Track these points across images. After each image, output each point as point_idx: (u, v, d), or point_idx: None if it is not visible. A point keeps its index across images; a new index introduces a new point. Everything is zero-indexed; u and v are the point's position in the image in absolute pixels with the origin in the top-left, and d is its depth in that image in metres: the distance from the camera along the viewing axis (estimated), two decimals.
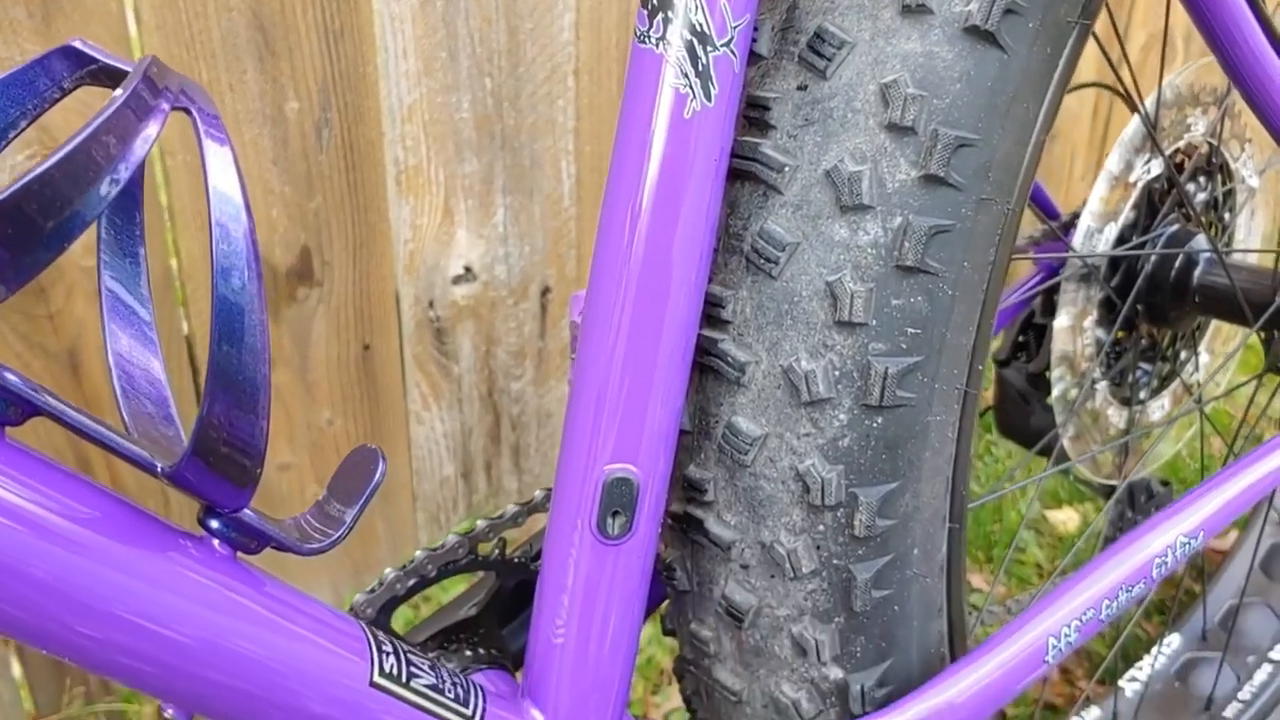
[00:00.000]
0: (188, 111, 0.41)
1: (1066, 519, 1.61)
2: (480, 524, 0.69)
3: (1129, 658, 1.28)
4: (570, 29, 1.31)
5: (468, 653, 0.70)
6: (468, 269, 1.35)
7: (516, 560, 0.71)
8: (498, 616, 0.73)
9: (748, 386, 0.61)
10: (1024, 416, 1.14)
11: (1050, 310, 1.12)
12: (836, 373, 0.59)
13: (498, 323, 1.41)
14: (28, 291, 1.06)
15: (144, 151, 0.38)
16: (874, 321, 0.58)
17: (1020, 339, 1.17)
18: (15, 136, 0.45)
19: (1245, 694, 1.18)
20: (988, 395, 1.35)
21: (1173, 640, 1.27)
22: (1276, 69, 0.74)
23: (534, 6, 1.27)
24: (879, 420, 0.60)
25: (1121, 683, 1.22)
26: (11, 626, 0.42)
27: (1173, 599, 1.47)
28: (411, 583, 0.66)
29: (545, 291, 1.44)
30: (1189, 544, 0.75)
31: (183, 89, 0.41)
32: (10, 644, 1.19)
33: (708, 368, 0.62)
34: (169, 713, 0.47)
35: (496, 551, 0.70)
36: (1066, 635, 0.68)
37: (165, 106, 0.39)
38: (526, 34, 1.27)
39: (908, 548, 0.64)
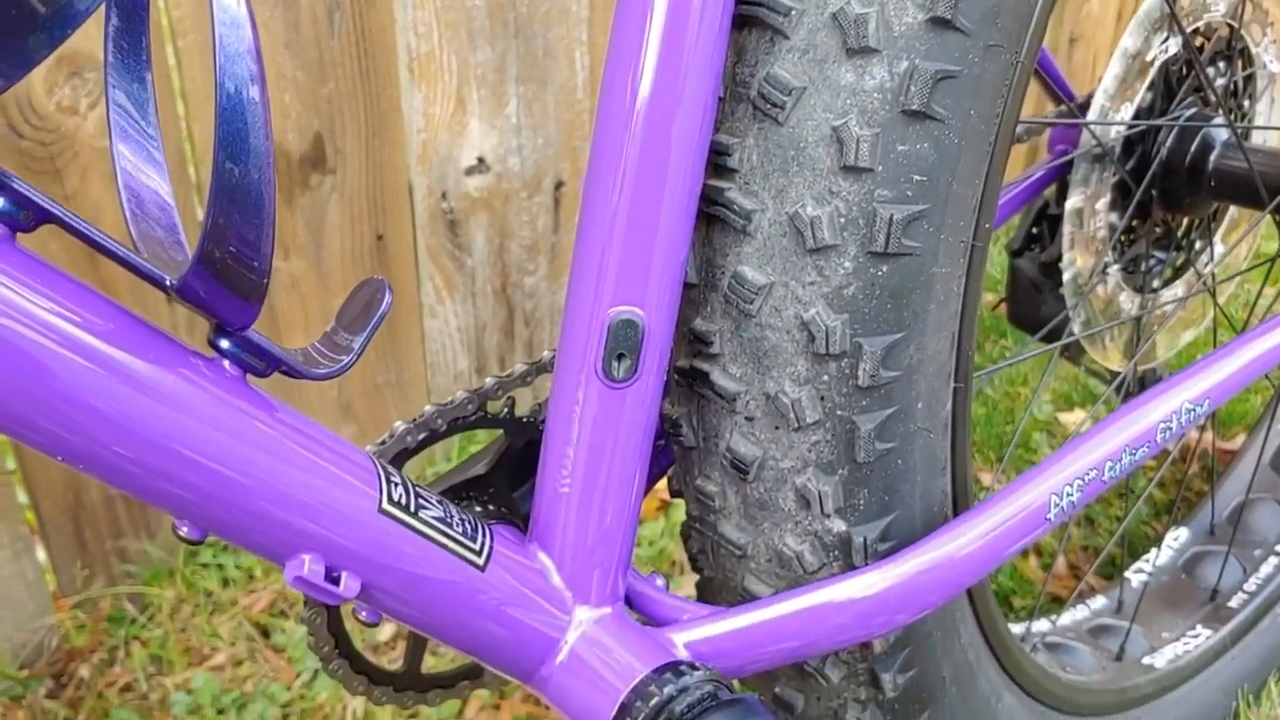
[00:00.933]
0: None
1: (1078, 420, 1.61)
2: (489, 381, 0.70)
3: (1135, 554, 1.29)
4: None
5: (477, 509, 0.71)
6: (480, 160, 1.35)
7: (525, 419, 0.72)
8: (508, 477, 0.74)
9: (753, 235, 0.61)
10: (1036, 306, 1.14)
11: (1063, 199, 1.11)
12: (842, 220, 0.59)
13: (511, 216, 1.41)
14: (44, 173, 1.06)
15: None
16: (880, 167, 0.58)
17: (1034, 230, 1.16)
18: None
19: (1251, 585, 1.19)
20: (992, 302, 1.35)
21: (1180, 534, 1.28)
22: None
23: None
24: (884, 269, 0.60)
25: (1128, 574, 1.23)
26: (20, 431, 0.43)
27: (1181, 499, 1.48)
28: (421, 436, 0.67)
29: (559, 185, 1.43)
30: (1194, 411, 0.75)
31: None
32: (35, 527, 1.22)
33: (714, 218, 0.62)
34: (183, 529, 0.49)
35: (505, 410, 0.71)
36: (1069, 494, 0.69)
37: None
38: None
39: (912, 401, 0.64)
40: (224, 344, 0.47)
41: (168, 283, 0.44)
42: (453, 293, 1.41)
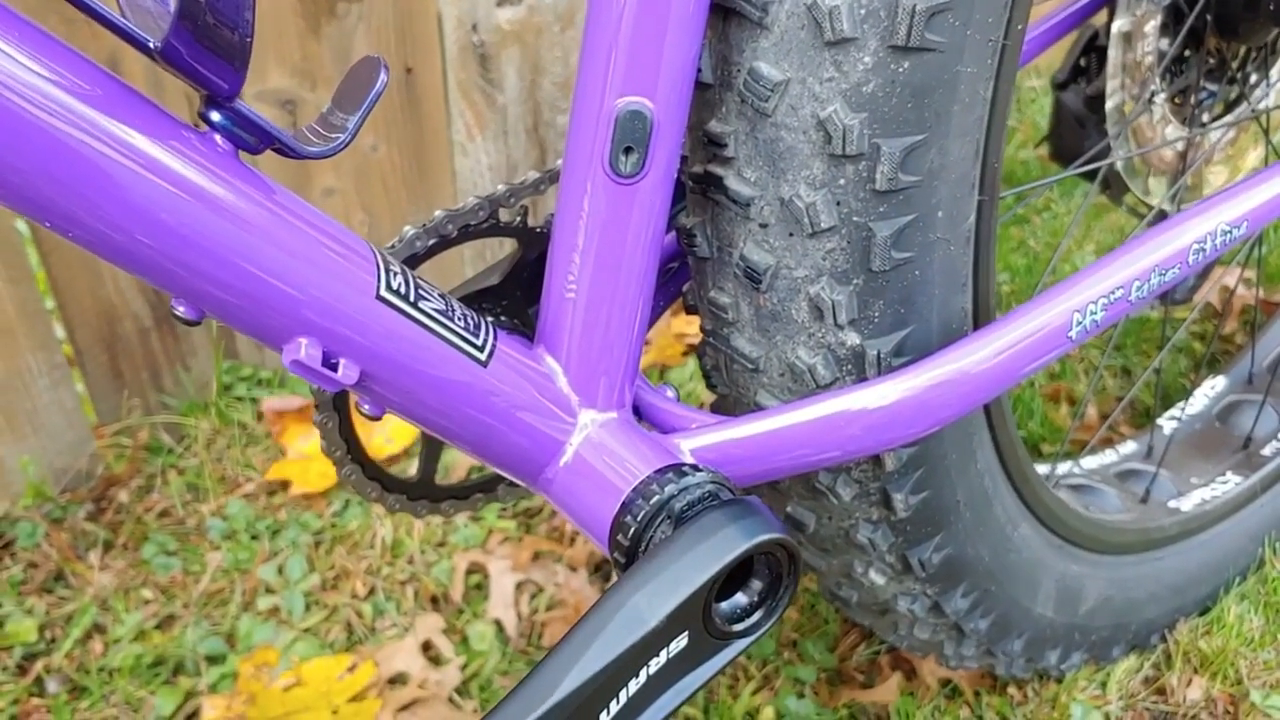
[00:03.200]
0: None
1: None
2: (501, 188, 0.68)
3: (1170, 404, 1.27)
4: None
5: (489, 319, 0.70)
6: None
7: (539, 229, 0.71)
8: (522, 289, 0.73)
9: (770, 28, 0.58)
10: (1079, 142, 1.10)
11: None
12: (862, 10, 0.56)
13: (543, 51, 1.38)
14: None
15: None
16: None
17: (1080, 61, 1.11)
18: None
19: None
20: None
21: (1217, 383, 1.25)
22: None
23: None
24: (905, 65, 0.57)
25: (1160, 420, 1.21)
26: (13, 199, 0.42)
27: (1222, 353, 1.45)
28: (431, 241, 0.66)
29: None
30: (1230, 233, 0.73)
31: None
32: (72, 358, 1.24)
33: (730, 10, 0.59)
34: (180, 309, 0.48)
35: (518, 219, 0.70)
36: (1093, 313, 0.67)
37: None
38: None
39: (931, 209, 0.62)
40: (215, 116, 0.46)
41: (151, 45, 0.43)
42: (484, 130, 1.39)
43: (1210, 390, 1.24)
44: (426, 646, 1.10)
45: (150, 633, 1.11)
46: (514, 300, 0.72)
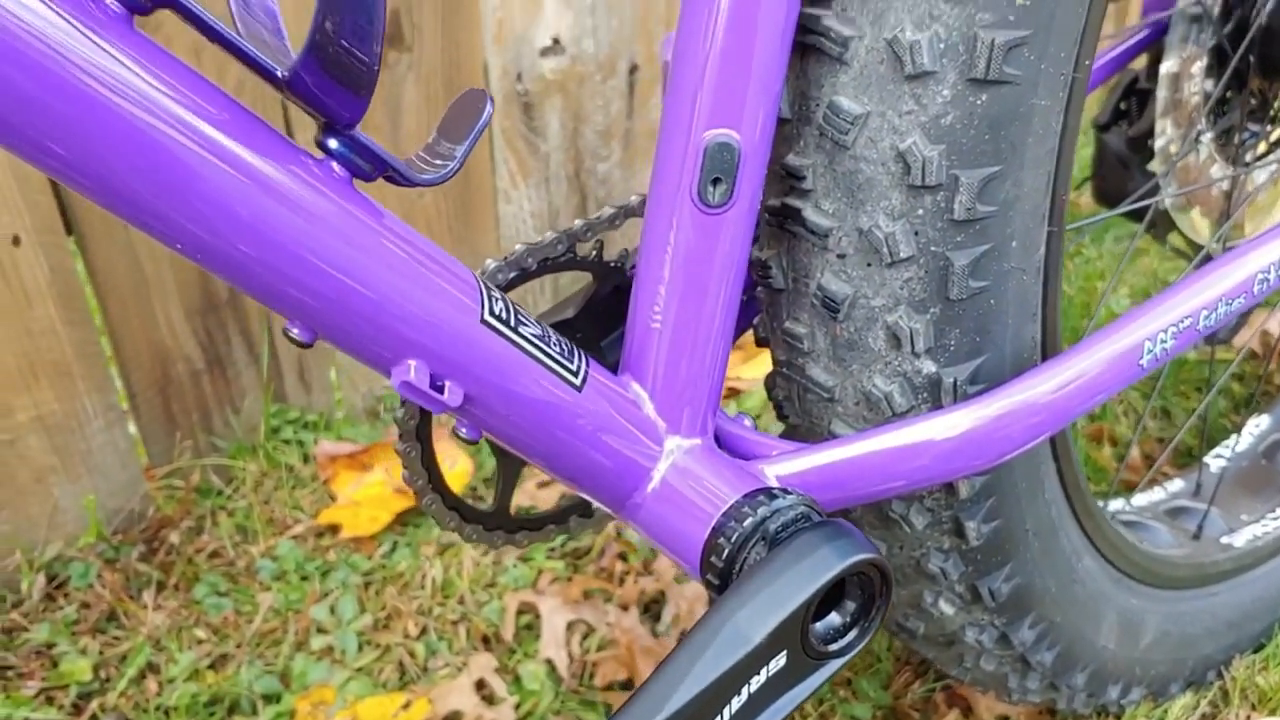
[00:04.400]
0: None
1: None
2: (578, 223, 0.70)
3: (1212, 445, 1.28)
4: None
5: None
6: (556, 40, 1.34)
7: (613, 264, 0.73)
8: (596, 323, 0.74)
9: (850, 63, 0.60)
10: (1123, 182, 1.12)
11: (1154, 75, 1.08)
12: (942, 45, 0.58)
13: (585, 100, 1.40)
14: None
15: None
16: None
17: (1121, 105, 1.14)
18: None
19: None
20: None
21: (1261, 421, 1.26)
22: None
23: None
24: (983, 97, 0.59)
25: (1206, 459, 1.21)
26: (137, 215, 0.44)
27: (1261, 393, 1.45)
28: (512, 274, 0.68)
29: (633, 70, 1.42)
30: None
31: None
32: (126, 400, 1.25)
33: (809, 48, 0.61)
34: (294, 331, 0.50)
35: (594, 253, 0.71)
36: (1163, 341, 0.68)
37: None
38: None
39: (1006, 239, 0.64)
40: (332, 143, 0.48)
41: (279, 74, 0.44)
42: (527, 177, 1.41)
43: (1255, 429, 1.25)
44: (480, 685, 1.10)
45: (204, 672, 1.11)
46: (589, 333, 0.74)
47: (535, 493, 1.30)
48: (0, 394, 1.14)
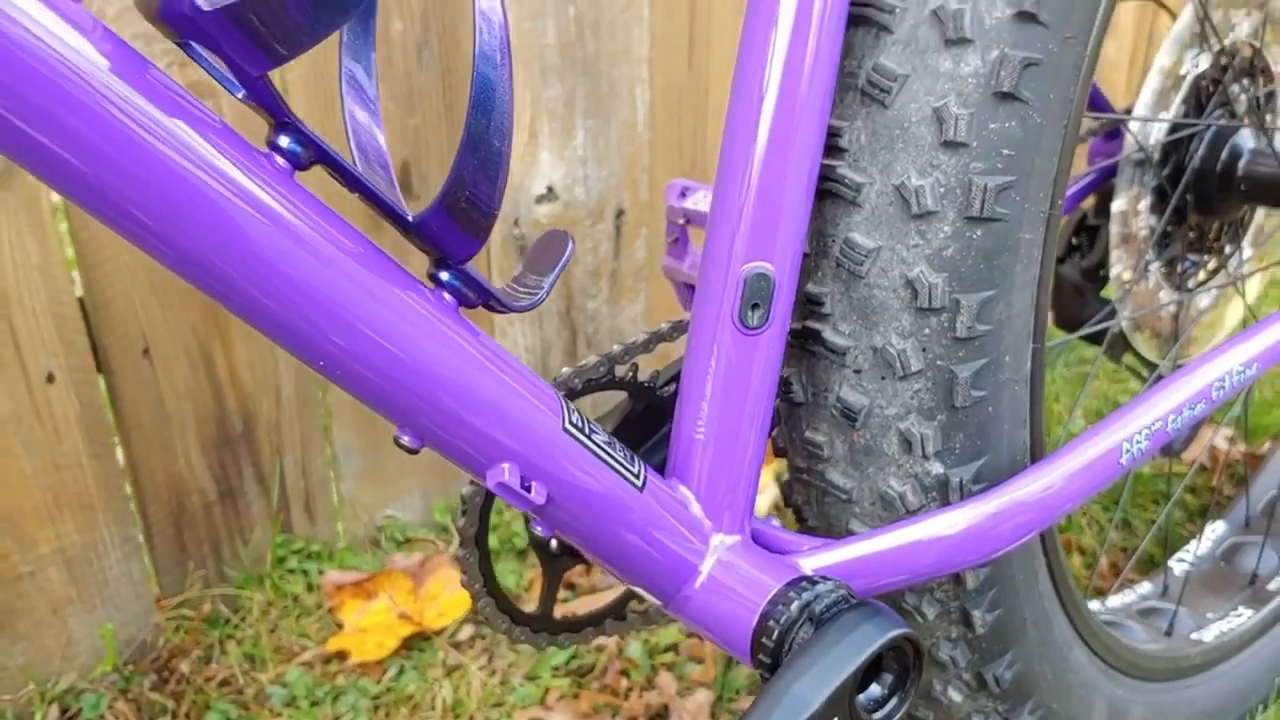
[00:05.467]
0: None
1: None
2: (616, 348, 0.78)
3: (1174, 550, 1.37)
4: None
5: None
6: (550, 189, 1.45)
7: (646, 384, 0.81)
8: (632, 436, 0.82)
9: (862, 205, 0.70)
10: (1079, 308, 1.23)
11: (1101, 211, 1.20)
12: (942, 189, 0.68)
13: (576, 242, 1.50)
14: None
15: None
16: (975, 143, 0.67)
17: (1074, 240, 1.26)
18: None
19: None
20: None
21: (1217, 527, 1.35)
22: None
23: None
24: (978, 232, 0.69)
25: (1170, 563, 1.30)
26: (277, 327, 0.51)
27: (1212, 502, 1.55)
28: (560, 395, 0.76)
29: (620, 214, 1.53)
30: (1244, 373, 0.84)
31: None
32: (142, 532, 1.29)
33: (825, 192, 0.71)
34: (404, 439, 0.57)
35: (630, 374, 0.79)
36: (1139, 442, 0.77)
37: None
38: None
39: (1001, 354, 0.73)
40: (444, 276, 0.56)
41: (409, 218, 0.53)
42: (521, 315, 1.50)
43: (1213, 534, 1.34)
44: None
45: None
46: (626, 444, 0.81)
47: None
48: (25, 526, 1.18)
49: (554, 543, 0.79)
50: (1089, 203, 1.24)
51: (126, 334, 1.19)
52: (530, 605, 0.83)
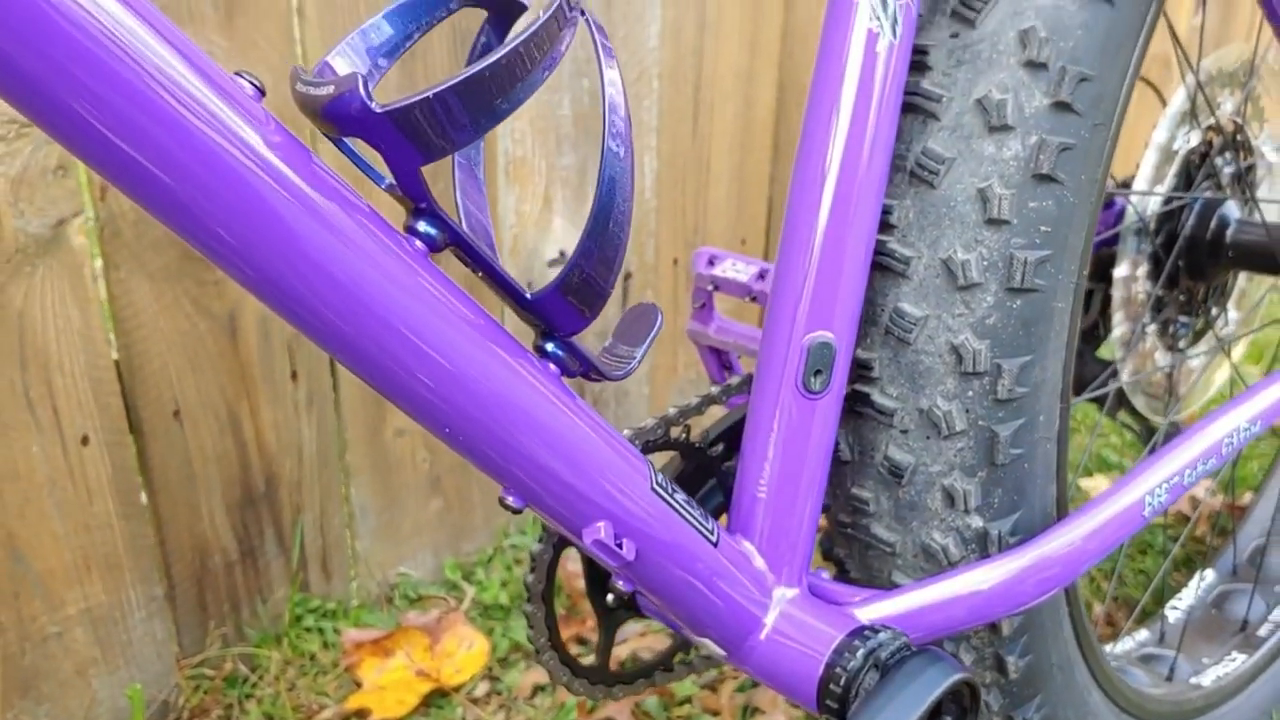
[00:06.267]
0: (589, 24, 0.55)
1: (1097, 485, 1.75)
2: (671, 410, 0.82)
3: (1166, 600, 1.43)
4: (656, 37, 1.46)
5: None
6: (562, 253, 1.50)
7: (697, 445, 0.85)
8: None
9: (911, 277, 0.75)
10: (1078, 367, 1.29)
11: (1097, 273, 1.27)
12: (985, 263, 0.74)
13: None
14: (199, 259, 1.19)
15: (563, 50, 0.52)
16: (1015, 220, 0.73)
17: None
18: (411, 45, 0.59)
19: (1276, 616, 1.32)
20: None
21: (1207, 575, 1.41)
22: None
23: (625, 15, 1.42)
24: (1018, 302, 0.75)
25: (1165, 610, 1.36)
26: (407, 396, 0.55)
27: (1199, 554, 1.61)
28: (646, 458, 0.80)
29: (627, 277, 1.58)
30: (1250, 429, 0.90)
31: (579, 3, 0.55)
32: (165, 590, 1.31)
33: (876, 265, 0.77)
34: (510, 499, 0.61)
35: (683, 435, 0.84)
36: (1159, 494, 0.83)
37: (578, 17, 0.54)
38: (619, 41, 1.43)
39: (1036, 414, 0.78)
40: (550, 347, 0.60)
41: (527, 296, 0.57)
42: None
43: (1202, 582, 1.40)
44: None
45: None
46: None
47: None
48: (54, 587, 1.20)
49: (610, 596, 0.83)
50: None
51: (159, 396, 1.22)
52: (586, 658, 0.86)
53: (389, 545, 1.51)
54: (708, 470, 0.87)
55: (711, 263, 1.07)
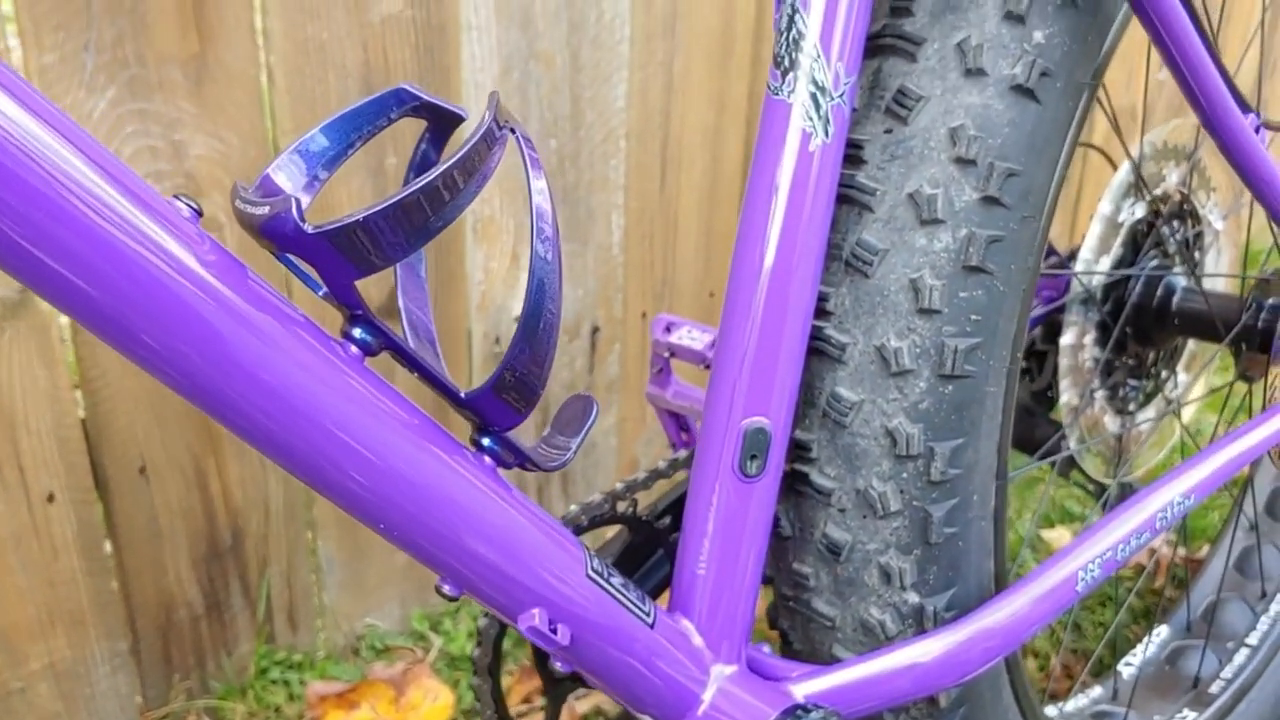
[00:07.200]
0: (519, 140, 0.57)
1: (1058, 536, 1.78)
2: (619, 485, 0.85)
3: (1119, 654, 1.45)
4: (623, 98, 1.49)
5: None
6: None
7: (644, 518, 0.87)
8: (628, 568, 0.88)
9: (847, 363, 0.78)
10: (1030, 429, 1.32)
11: (1049, 338, 1.30)
12: (918, 350, 0.76)
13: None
14: None
15: (494, 168, 0.55)
16: (946, 309, 0.76)
17: (1024, 364, 1.35)
18: (352, 154, 0.61)
19: (1227, 673, 1.34)
20: None
21: (1161, 631, 1.43)
22: (1243, 126, 0.92)
23: (593, 77, 1.45)
24: (950, 388, 0.77)
25: (1119, 667, 1.38)
26: (345, 495, 0.57)
27: (1156, 605, 1.64)
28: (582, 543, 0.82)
29: (595, 330, 1.60)
30: (1184, 503, 0.92)
31: (508, 121, 0.58)
32: (129, 644, 1.32)
33: (813, 350, 0.79)
34: (446, 588, 0.63)
35: (630, 509, 0.86)
36: (1091, 570, 0.85)
37: (507, 135, 0.56)
38: (587, 102, 1.46)
39: (970, 493, 0.81)
40: (485, 441, 0.62)
41: (461, 395, 0.59)
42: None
43: (1157, 637, 1.42)
44: None
45: None
46: (625, 571, 0.87)
47: None
48: (18, 643, 1.21)
49: (559, 665, 0.85)
50: (1037, 330, 1.33)
51: (125, 454, 1.23)
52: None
53: (356, 597, 1.52)
54: (655, 542, 0.89)
55: (669, 329, 1.09)
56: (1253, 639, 1.38)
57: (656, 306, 1.68)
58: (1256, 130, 0.91)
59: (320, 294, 0.56)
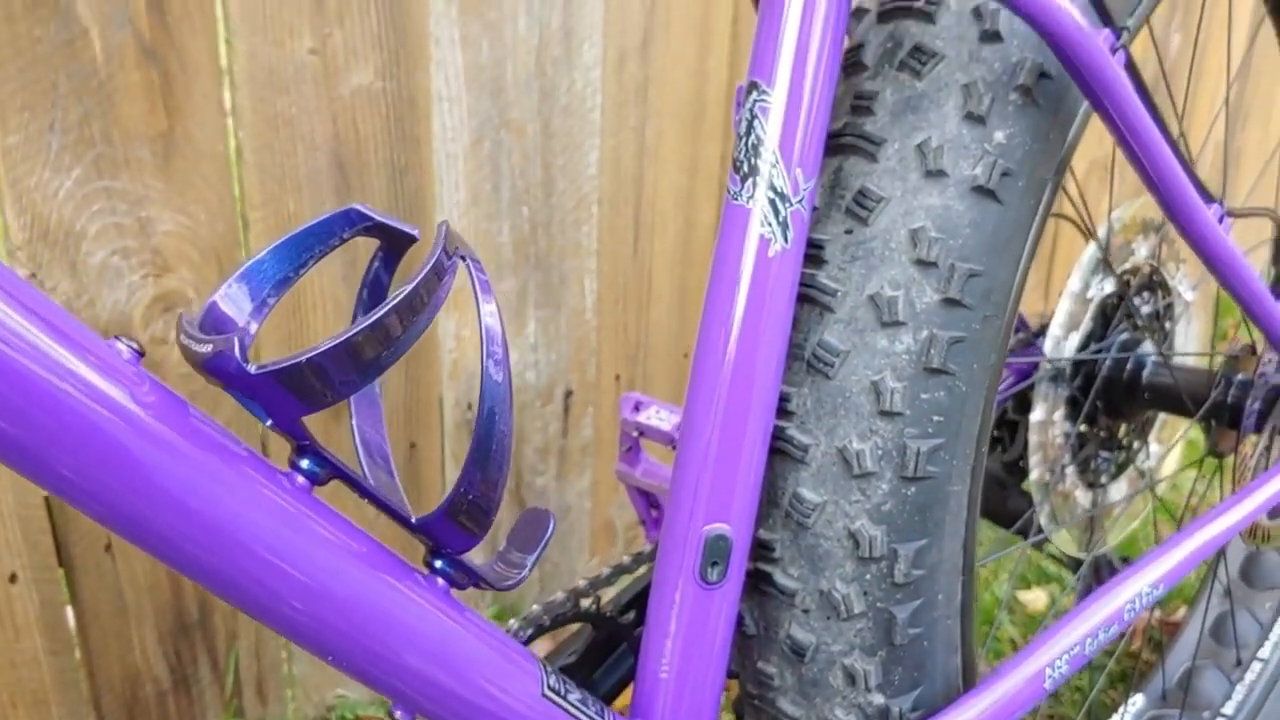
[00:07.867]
0: (469, 266, 0.57)
1: (1035, 598, 1.77)
2: (582, 583, 0.84)
3: (1099, 718, 1.44)
4: (595, 165, 1.49)
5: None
6: None
7: (608, 614, 0.86)
8: (592, 663, 0.87)
9: (809, 464, 0.77)
10: (1002, 500, 1.31)
11: (1021, 409, 1.30)
12: (880, 452, 0.76)
13: (526, 423, 1.56)
14: None
15: (444, 298, 0.54)
16: (908, 411, 0.75)
17: (996, 434, 1.35)
18: (303, 274, 0.60)
19: None
20: None
21: (1137, 700, 1.43)
22: (1206, 218, 0.92)
23: (565, 145, 1.45)
24: (913, 489, 0.76)
25: None
26: (293, 627, 0.56)
27: (1133, 669, 1.63)
28: (529, 632, 0.81)
29: (568, 395, 1.60)
30: (1152, 593, 0.92)
31: (458, 248, 0.57)
32: (91, 697, 1.30)
33: (776, 450, 0.78)
34: (398, 713, 0.62)
35: (593, 606, 0.85)
36: (1059, 666, 0.84)
37: (457, 263, 0.56)
38: (558, 169, 1.46)
39: (934, 593, 0.80)
40: (438, 564, 0.62)
41: (413, 520, 0.58)
42: None
43: (1132, 707, 1.41)
44: None
45: None
46: (586, 675, 0.87)
47: None
48: None
49: None
50: (1009, 401, 1.33)
51: (90, 530, 1.22)
52: None
53: (325, 667, 1.50)
54: (619, 637, 0.88)
55: (637, 409, 1.09)
56: (1228, 709, 1.37)
57: (630, 370, 1.67)
58: (1220, 220, 0.91)
59: (268, 424, 0.55)
